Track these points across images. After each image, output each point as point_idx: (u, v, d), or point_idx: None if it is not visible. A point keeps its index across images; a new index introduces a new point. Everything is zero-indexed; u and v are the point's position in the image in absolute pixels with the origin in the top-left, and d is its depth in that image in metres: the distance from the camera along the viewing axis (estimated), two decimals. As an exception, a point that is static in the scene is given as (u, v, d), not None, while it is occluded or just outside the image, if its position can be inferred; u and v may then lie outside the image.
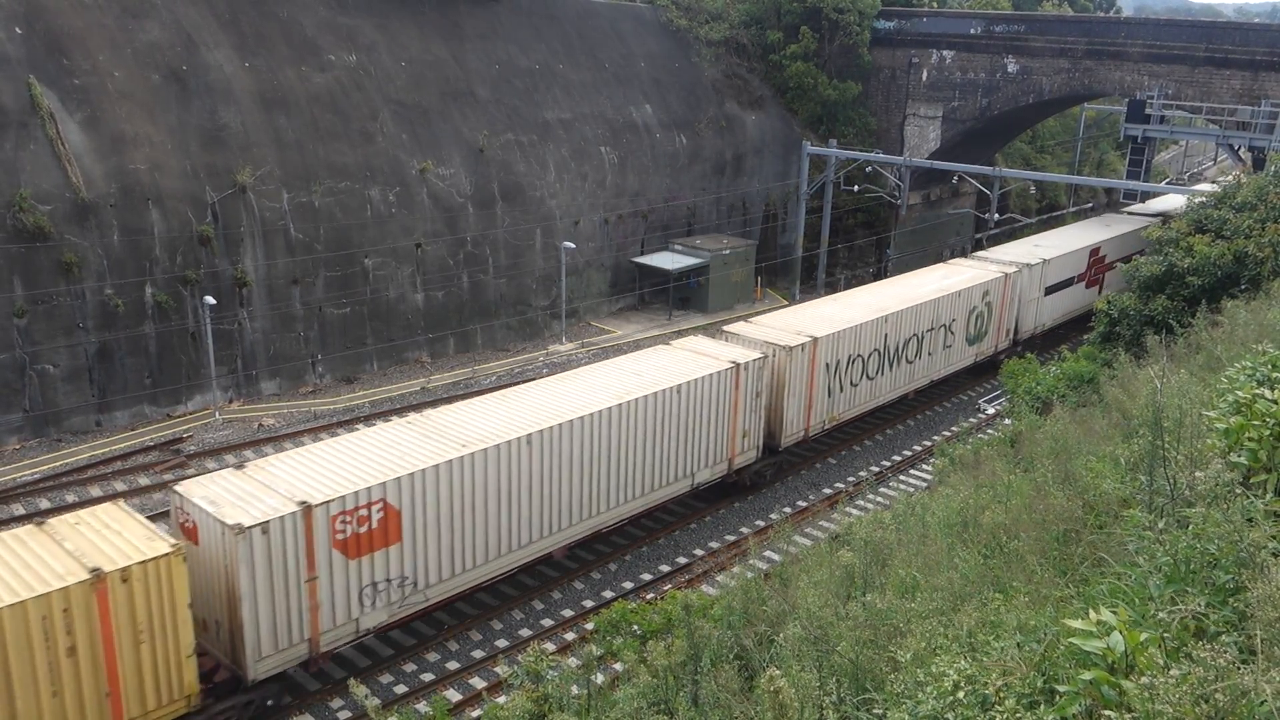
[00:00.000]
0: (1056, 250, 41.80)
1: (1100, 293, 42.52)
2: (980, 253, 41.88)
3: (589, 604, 24.25)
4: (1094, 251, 43.92)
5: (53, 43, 31.27)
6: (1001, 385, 31.68)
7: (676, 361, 26.43)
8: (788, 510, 29.09)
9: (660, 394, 24.47)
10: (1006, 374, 29.75)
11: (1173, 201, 49.98)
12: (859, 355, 31.45)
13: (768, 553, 24.72)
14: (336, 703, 20.35)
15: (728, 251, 48.26)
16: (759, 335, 28.98)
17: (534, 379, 27.78)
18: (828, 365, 30.17)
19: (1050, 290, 41.26)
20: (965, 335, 36.51)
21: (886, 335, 32.24)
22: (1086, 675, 4.86)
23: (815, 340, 29.32)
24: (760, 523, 28.56)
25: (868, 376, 32.31)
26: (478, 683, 21.16)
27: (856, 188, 51.89)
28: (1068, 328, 43.55)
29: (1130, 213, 51.35)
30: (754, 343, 28.44)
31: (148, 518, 18.44)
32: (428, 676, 21.50)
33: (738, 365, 26.24)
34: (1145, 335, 22.81)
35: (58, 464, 29.18)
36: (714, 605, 15.88)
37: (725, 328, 29.81)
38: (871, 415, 34.62)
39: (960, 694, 5.60)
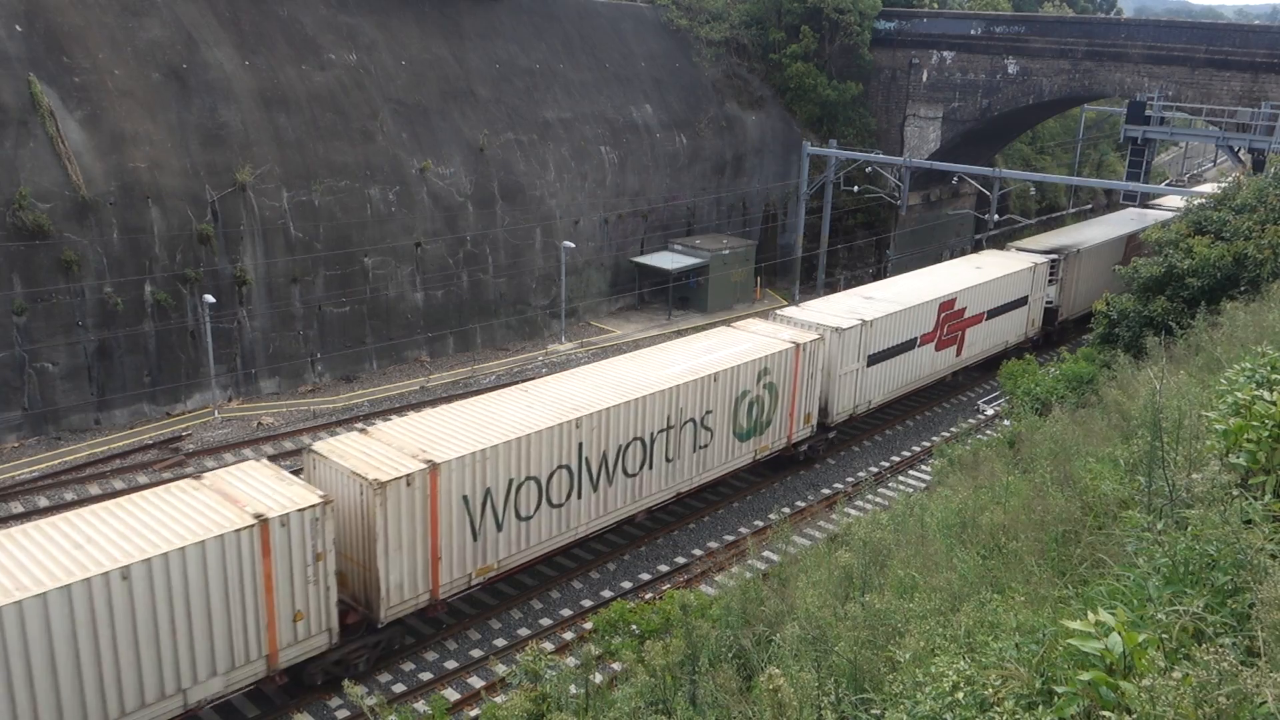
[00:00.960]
0: (889, 306, 33.01)
1: (960, 354, 37.13)
2: (786, 310, 32.92)
3: (587, 603, 24.25)
4: (946, 305, 35.34)
5: (53, 40, 31.26)
6: (1000, 386, 31.68)
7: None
8: (786, 510, 29.09)
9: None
10: (1005, 375, 29.75)
11: (1091, 233, 46.86)
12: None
13: (766, 553, 24.75)
14: (335, 701, 20.34)
15: (727, 251, 48.25)
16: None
17: (533, 378, 27.81)
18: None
19: (878, 359, 32.48)
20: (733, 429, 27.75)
21: (580, 444, 23.54)
22: (1085, 676, 4.86)
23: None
24: (759, 523, 28.57)
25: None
26: (476, 682, 21.16)
27: (856, 188, 51.89)
28: (917, 398, 36.78)
29: (1023, 248, 43.36)
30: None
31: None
32: (426, 675, 21.49)
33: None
34: (1145, 336, 22.83)
35: (56, 462, 29.17)
36: (712, 605, 15.89)
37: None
38: (879, 412, 34.72)
39: (959, 694, 5.60)
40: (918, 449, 34.27)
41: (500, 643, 22.67)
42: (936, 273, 39.20)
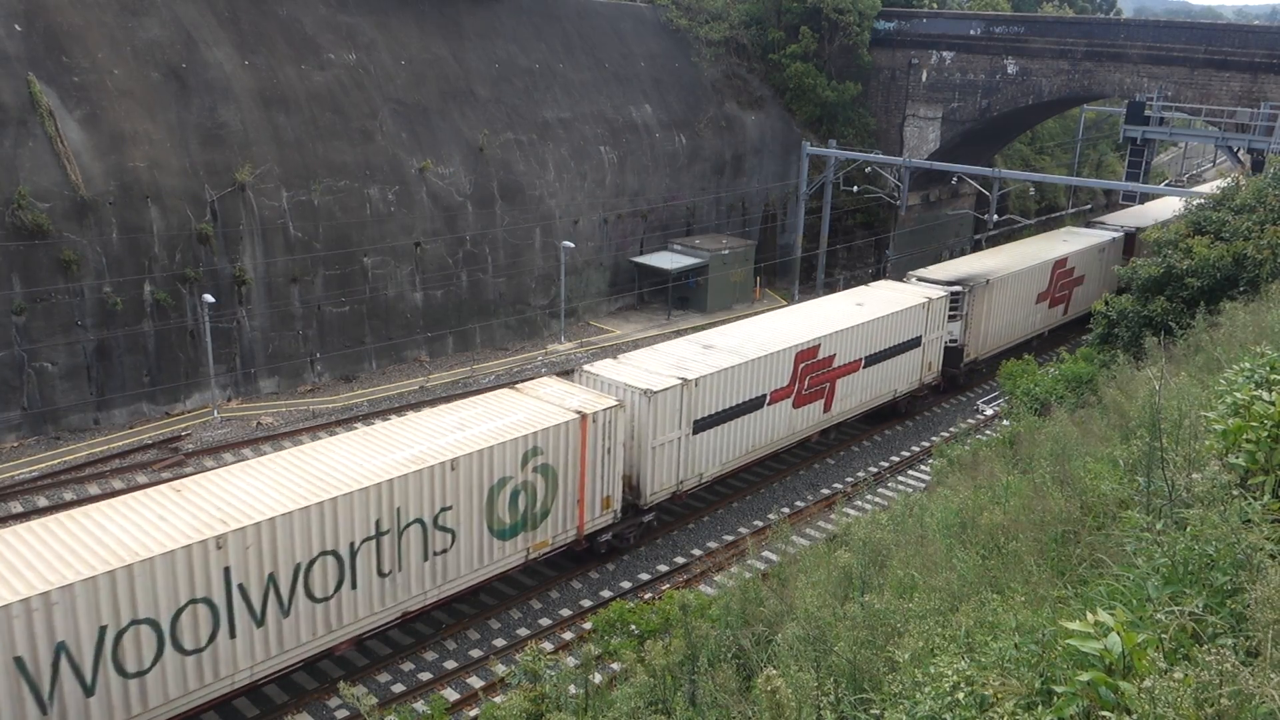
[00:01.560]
0: (725, 359, 27.49)
1: (829, 409, 31.51)
2: (595, 367, 26.84)
3: (587, 603, 24.25)
4: (806, 354, 29.73)
5: (52, 40, 31.25)
6: (999, 386, 31.68)
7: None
8: (786, 511, 29.10)
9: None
10: (1005, 375, 29.75)
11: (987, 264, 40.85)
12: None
13: (766, 553, 24.75)
14: (334, 702, 20.34)
15: (727, 251, 48.26)
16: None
17: (533, 378, 27.80)
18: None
19: (708, 424, 26.88)
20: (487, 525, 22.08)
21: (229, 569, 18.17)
22: (1084, 676, 4.86)
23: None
24: (758, 523, 28.57)
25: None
26: (475, 682, 21.16)
27: (856, 188, 51.90)
28: (769, 465, 31.44)
29: (924, 278, 37.96)
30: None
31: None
32: (425, 675, 21.50)
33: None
34: (1144, 337, 22.83)
35: (56, 462, 29.16)
36: (712, 605, 15.89)
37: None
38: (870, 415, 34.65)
39: (958, 695, 5.60)
40: (916, 449, 34.28)
41: (499, 642, 22.67)
42: (802, 313, 33.22)
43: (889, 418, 35.75)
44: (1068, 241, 45.43)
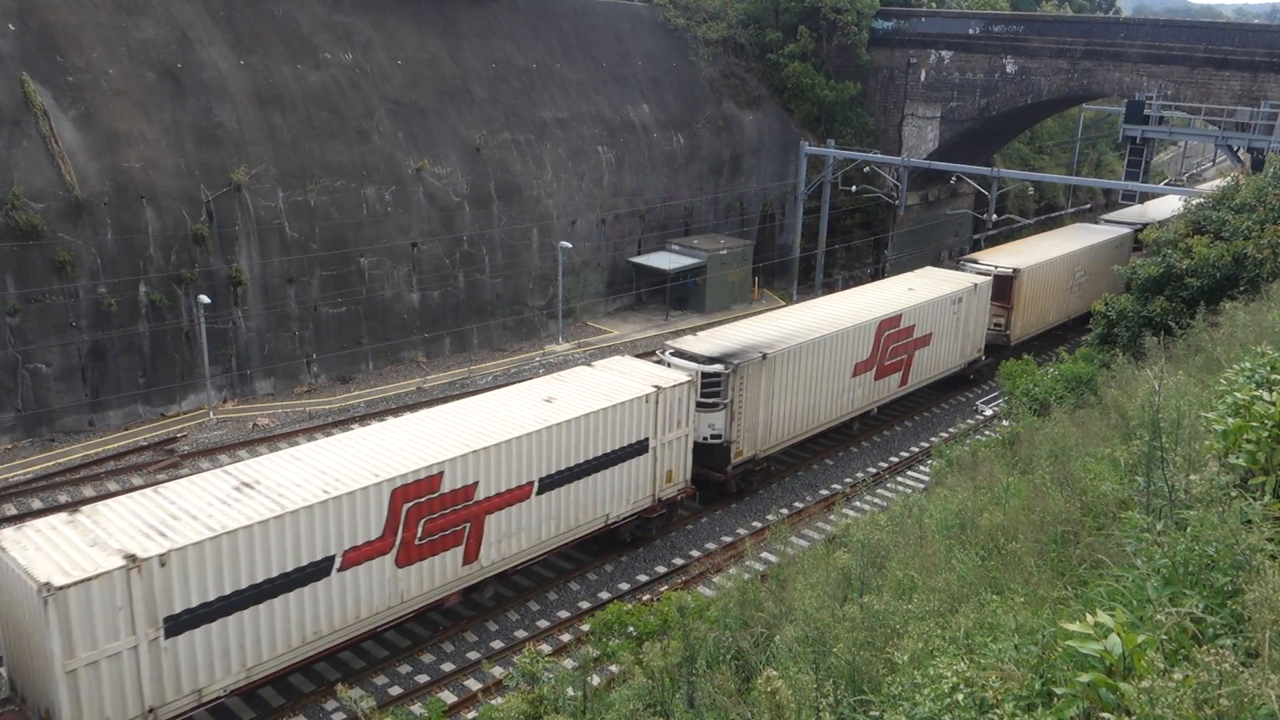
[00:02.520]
0: (256, 508, 18.26)
1: (473, 560, 22.04)
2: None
3: (585, 605, 24.17)
4: (413, 490, 20.51)
5: (47, 39, 31.16)
6: (999, 387, 31.63)
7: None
8: (785, 511, 29.04)
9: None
10: (1004, 375, 29.69)
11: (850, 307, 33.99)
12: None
13: (764, 554, 24.69)
14: (330, 704, 20.25)
15: (725, 252, 48.20)
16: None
17: (530, 379, 27.73)
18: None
19: (199, 618, 17.42)
20: None
21: None
22: (1084, 677, 4.81)
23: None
24: (757, 524, 28.50)
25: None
26: (473, 684, 21.08)
27: (854, 188, 51.85)
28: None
29: (683, 351, 29.09)
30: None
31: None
32: (423, 678, 21.42)
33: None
34: (1144, 336, 22.76)
35: (50, 464, 29.07)
36: (710, 607, 15.82)
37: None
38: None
39: (958, 696, 5.54)
40: (916, 450, 34.22)
41: (497, 645, 22.60)
42: (432, 421, 22.95)
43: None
44: (914, 290, 36.02)
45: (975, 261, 41.46)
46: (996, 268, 40.34)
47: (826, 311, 33.44)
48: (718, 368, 27.73)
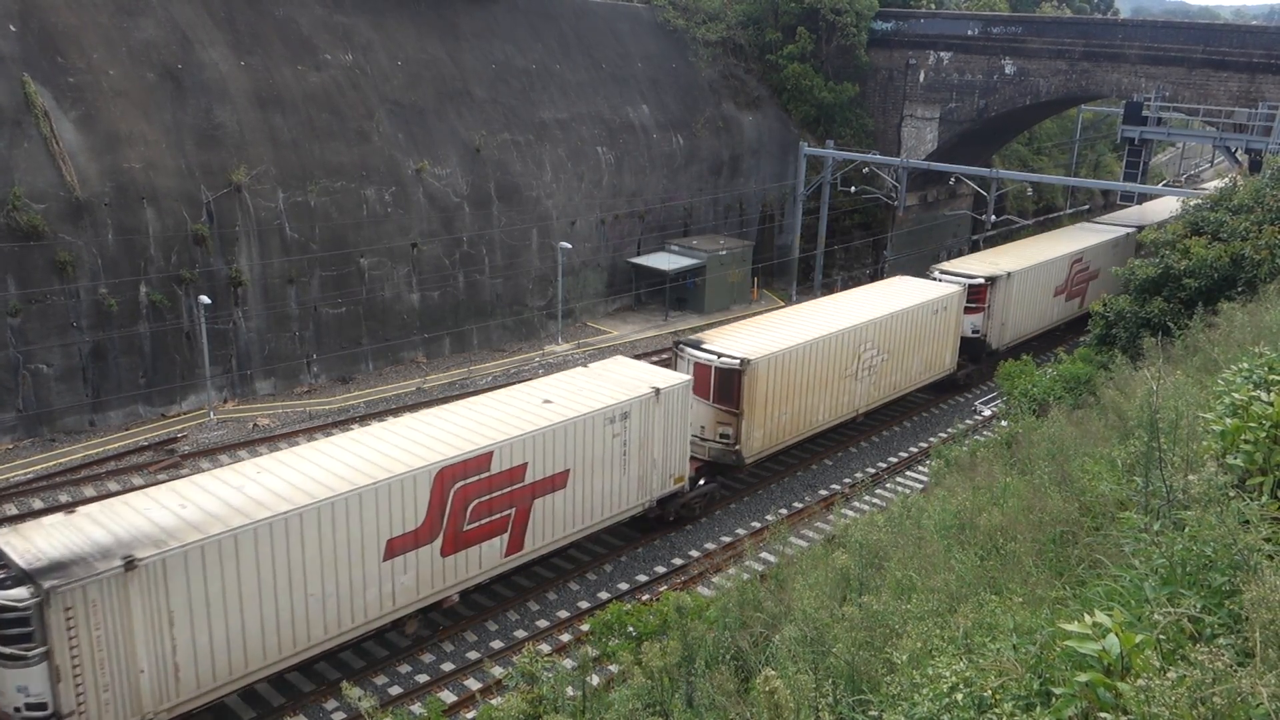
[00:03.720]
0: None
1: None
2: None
3: (584, 605, 24.21)
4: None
5: (47, 41, 31.18)
6: (998, 387, 31.69)
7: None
8: (784, 511, 29.07)
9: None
10: (1003, 376, 29.74)
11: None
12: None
13: (764, 554, 24.71)
14: (331, 704, 20.28)
15: (724, 252, 48.23)
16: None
17: (530, 379, 27.77)
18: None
19: None
20: None
21: None
22: (1082, 677, 4.84)
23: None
24: (756, 524, 28.53)
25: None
26: (473, 684, 21.10)
27: (854, 189, 51.89)
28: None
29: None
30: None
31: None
32: (423, 678, 21.45)
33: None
34: (1142, 337, 22.81)
35: (51, 464, 29.09)
36: (709, 607, 15.85)
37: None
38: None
39: (957, 696, 5.57)
40: (914, 450, 34.26)
41: (497, 645, 22.63)
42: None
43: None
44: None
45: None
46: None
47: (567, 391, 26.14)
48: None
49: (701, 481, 28.17)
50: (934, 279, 38.22)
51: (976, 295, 38.19)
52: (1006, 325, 39.97)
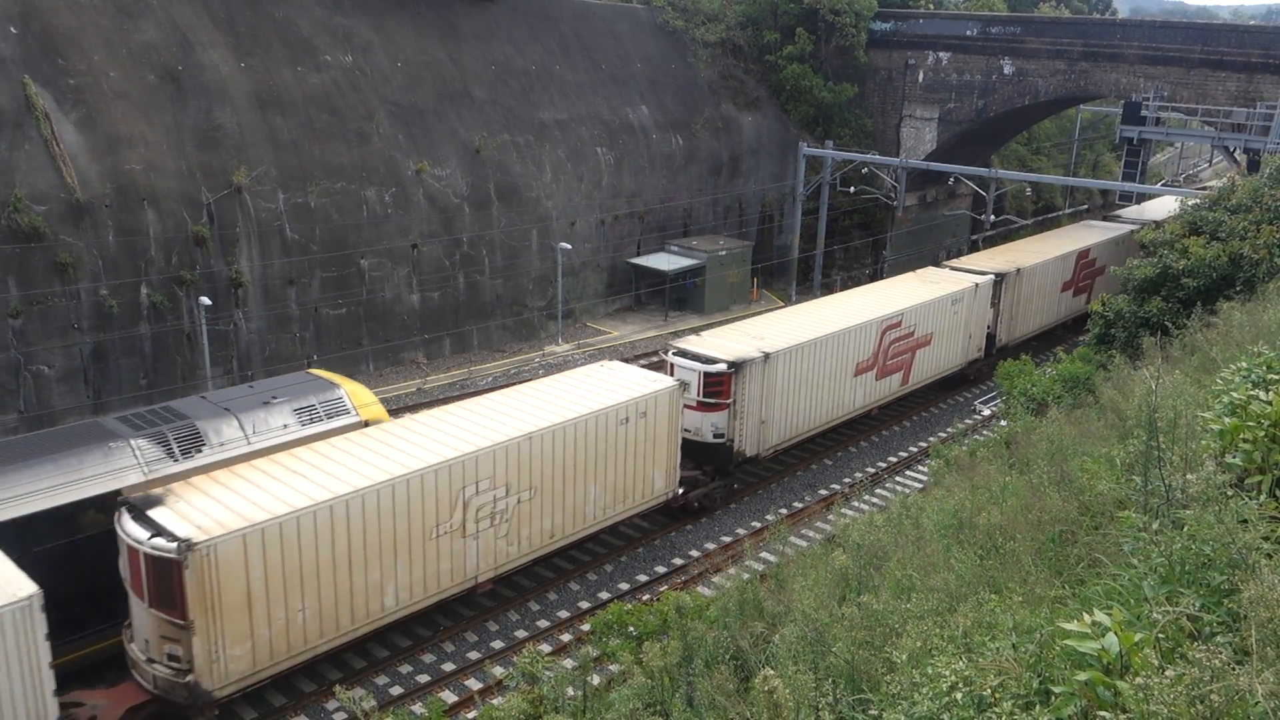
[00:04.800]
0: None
1: None
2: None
3: (585, 605, 24.23)
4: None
5: (48, 42, 31.20)
6: (997, 387, 31.71)
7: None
8: (783, 511, 29.09)
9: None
10: (1002, 376, 29.77)
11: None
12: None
13: (763, 554, 24.74)
14: (331, 704, 20.30)
15: (724, 253, 48.26)
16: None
17: (530, 380, 27.80)
18: None
19: None
20: None
21: None
22: (1082, 676, 4.87)
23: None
24: (756, 524, 28.56)
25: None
26: (473, 684, 21.13)
27: (853, 189, 51.92)
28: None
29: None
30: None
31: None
32: (423, 678, 21.47)
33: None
34: (1140, 337, 22.85)
35: (52, 465, 29.05)
36: (709, 606, 15.88)
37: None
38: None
39: (956, 695, 5.60)
40: (914, 449, 34.28)
41: (497, 645, 22.65)
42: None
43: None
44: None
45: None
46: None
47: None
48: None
49: None
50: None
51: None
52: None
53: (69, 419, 30.92)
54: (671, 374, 27.55)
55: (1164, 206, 49.53)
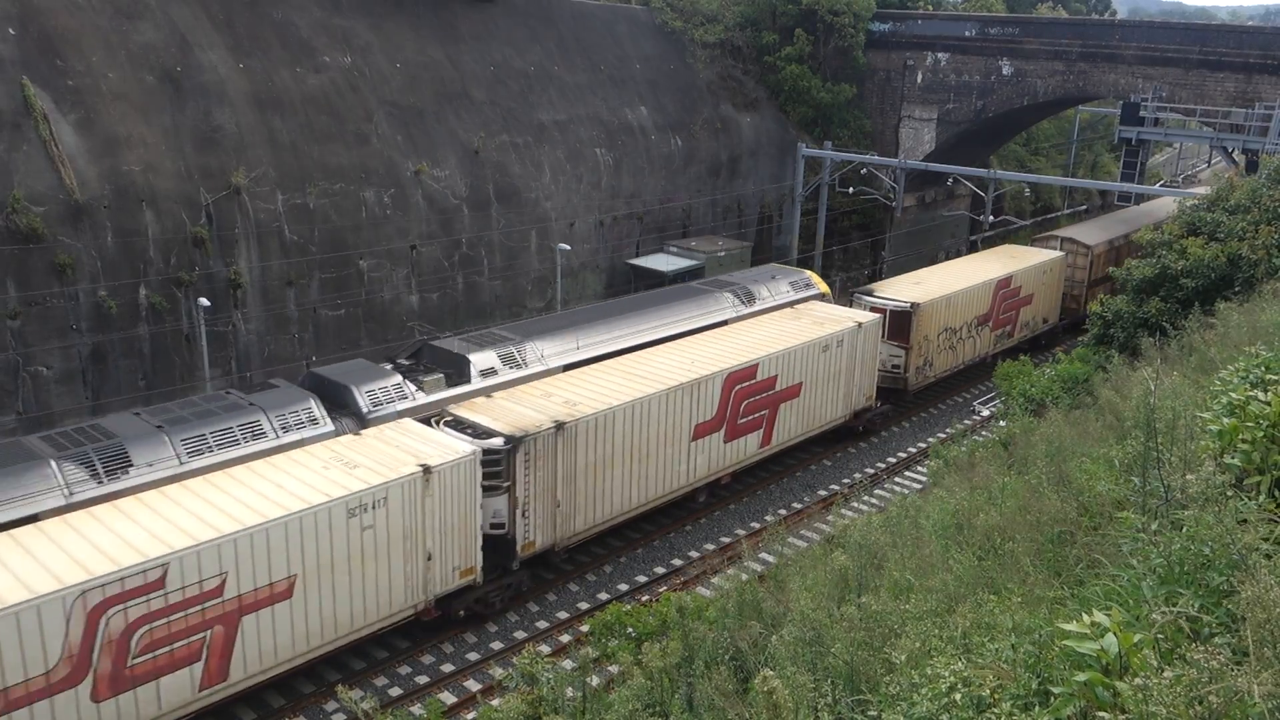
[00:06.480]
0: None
1: None
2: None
3: (584, 606, 24.23)
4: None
5: (46, 44, 31.19)
6: (996, 387, 31.73)
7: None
8: (782, 513, 29.10)
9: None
10: (1001, 376, 29.79)
11: None
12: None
13: (763, 555, 24.75)
14: (330, 705, 20.30)
15: (723, 253, 48.23)
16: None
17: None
18: None
19: None
20: None
21: None
22: (1081, 677, 4.87)
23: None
24: (755, 525, 28.56)
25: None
26: (473, 685, 21.13)
27: (851, 190, 51.93)
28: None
29: None
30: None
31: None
32: (422, 679, 21.47)
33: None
34: (1139, 337, 22.86)
35: (51, 466, 29.04)
36: (709, 607, 15.88)
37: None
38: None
39: (955, 695, 5.60)
40: (913, 450, 34.30)
41: (497, 646, 22.65)
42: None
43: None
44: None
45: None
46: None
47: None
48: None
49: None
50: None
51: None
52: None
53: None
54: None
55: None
